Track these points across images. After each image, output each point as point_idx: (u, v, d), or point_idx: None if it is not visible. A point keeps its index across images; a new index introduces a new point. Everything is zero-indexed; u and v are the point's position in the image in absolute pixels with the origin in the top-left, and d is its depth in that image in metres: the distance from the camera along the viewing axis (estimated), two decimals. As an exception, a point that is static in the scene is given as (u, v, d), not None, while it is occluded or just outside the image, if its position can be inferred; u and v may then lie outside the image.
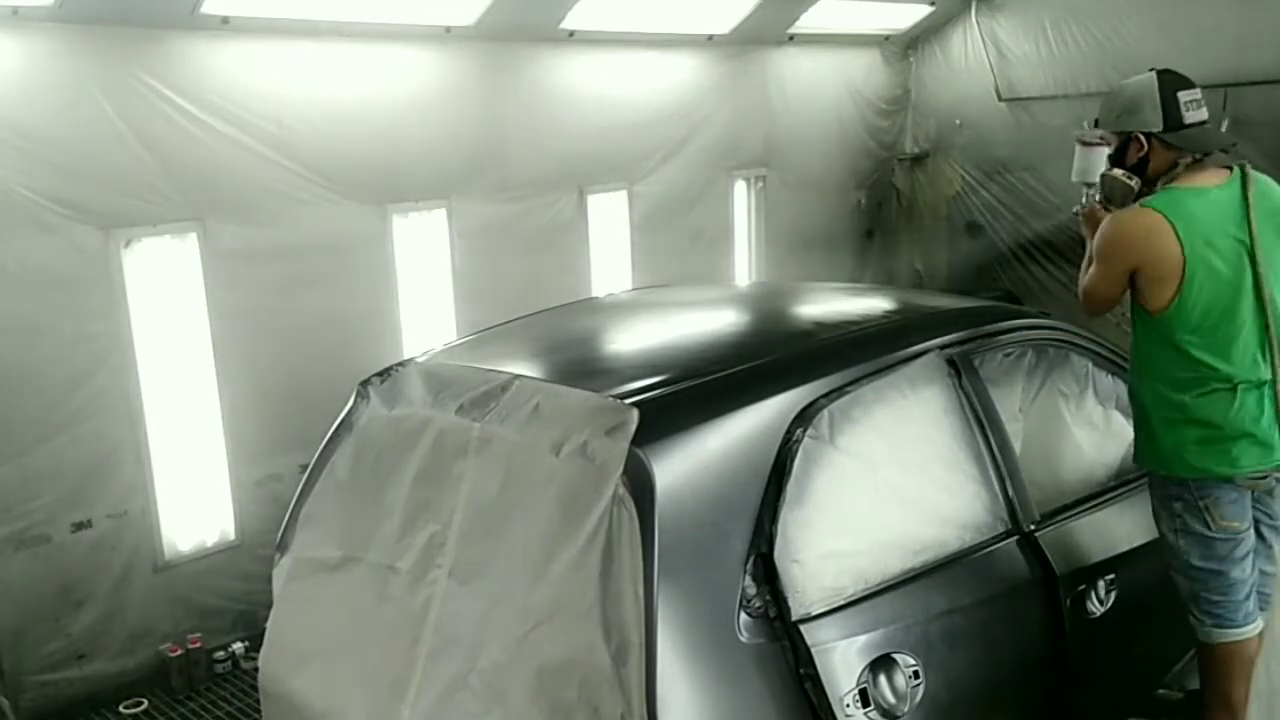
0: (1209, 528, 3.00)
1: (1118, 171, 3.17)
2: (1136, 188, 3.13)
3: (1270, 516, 3.10)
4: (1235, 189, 3.01)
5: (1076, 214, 3.58)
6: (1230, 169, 3.07)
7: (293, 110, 4.96)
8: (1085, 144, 3.70)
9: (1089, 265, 3.22)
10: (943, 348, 2.91)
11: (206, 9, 4.45)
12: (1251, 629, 3.02)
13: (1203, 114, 3.09)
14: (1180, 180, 3.04)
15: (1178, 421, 3.02)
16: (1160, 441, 3.07)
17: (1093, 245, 3.20)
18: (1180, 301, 2.97)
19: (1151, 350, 3.09)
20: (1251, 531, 3.04)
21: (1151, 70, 3.15)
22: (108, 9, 4.31)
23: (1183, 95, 3.06)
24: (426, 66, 5.49)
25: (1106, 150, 3.48)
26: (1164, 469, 3.08)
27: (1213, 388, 2.97)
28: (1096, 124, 3.34)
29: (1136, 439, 3.22)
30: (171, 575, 4.80)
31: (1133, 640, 3.16)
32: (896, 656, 2.40)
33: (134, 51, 4.48)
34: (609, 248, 6.51)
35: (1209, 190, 3.01)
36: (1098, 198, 3.39)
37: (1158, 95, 3.06)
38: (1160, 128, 3.06)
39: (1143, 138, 3.09)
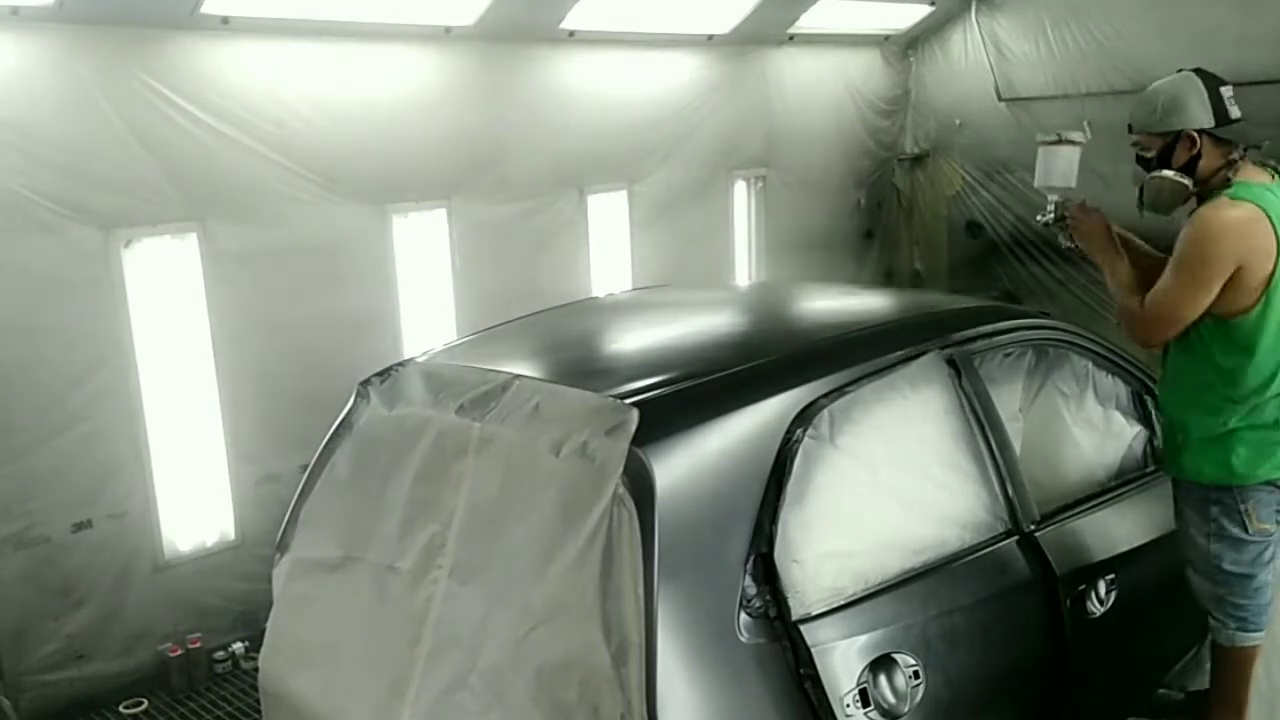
0: (1246, 531, 2.98)
1: (1168, 173, 3.04)
2: (1191, 187, 3.03)
3: None
4: None
5: (1046, 224, 3.46)
6: (1268, 169, 3.03)
7: (293, 110, 4.96)
8: (1049, 144, 3.58)
9: (1135, 282, 3.04)
10: (943, 348, 2.91)
11: (206, 9, 4.45)
12: (1265, 633, 3.03)
13: (1239, 111, 3.03)
14: (1241, 175, 2.97)
15: (1229, 433, 2.97)
16: (1205, 453, 3.02)
17: (1173, 258, 2.96)
18: (1268, 301, 2.89)
19: (1207, 359, 2.99)
20: (1276, 534, 3.04)
21: (1182, 70, 3.07)
22: (108, 9, 4.31)
23: (1224, 91, 3.01)
24: (426, 66, 5.49)
25: (1076, 151, 3.43)
26: (1208, 479, 3.02)
27: (1276, 391, 2.93)
28: (1129, 129, 3.19)
29: (1169, 451, 3.18)
30: (171, 575, 4.80)
31: (1133, 640, 3.16)
32: (896, 656, 2.40)
33: (134, 52, 4.48)
34: (609, 248, 6.51)
35: (1271, 186, 2.96)
36: (1056, 202, 3.33)
37: (1204, 91, 2.99)
38: (1212, 123, 2.98)
39: (1195, 135, 3.00)
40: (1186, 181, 3.03)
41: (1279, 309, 2.90)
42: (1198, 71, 3.05)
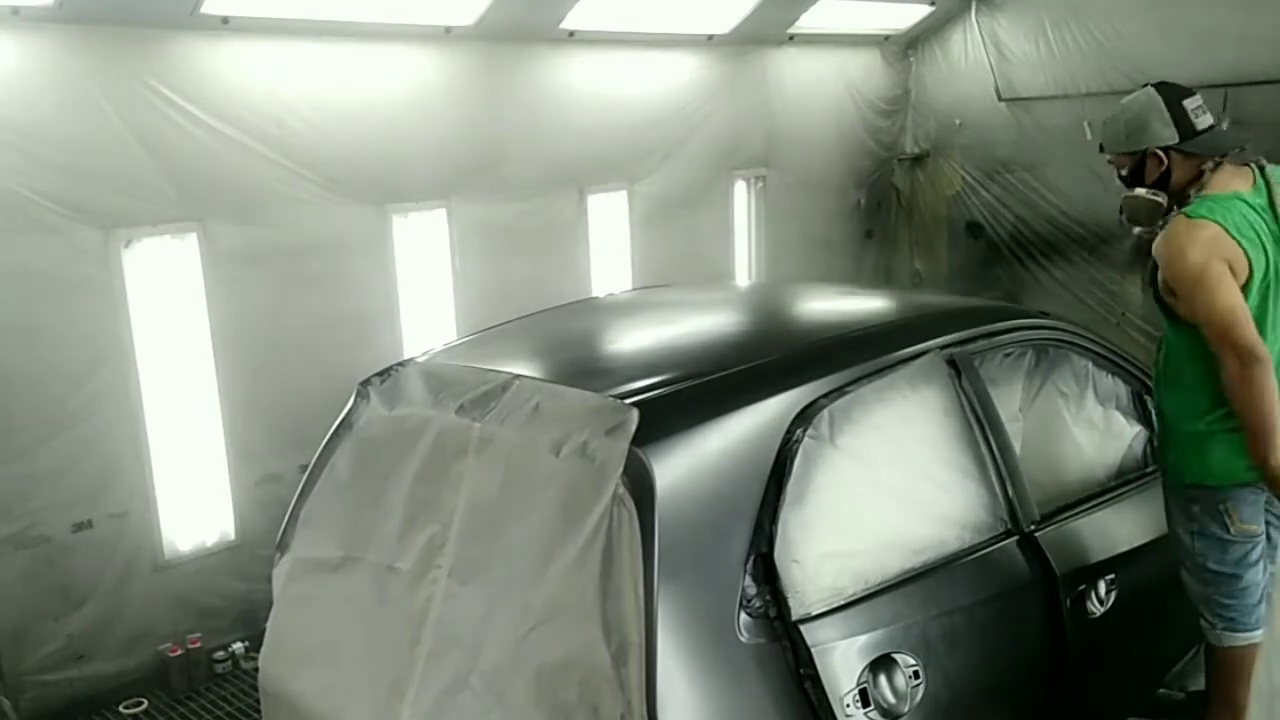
0: (1228, 531, 2.98)
1: (1141, 191, 3.07)
2: (1165, 203, 3.06)
3: (1278, 517, 3.09)
4: (1263, 195, 2.97)
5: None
6: (1250, 169, 3.03)
7: (293, 110, 4.97)
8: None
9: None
10: (943, 348, 2.91)
11: (206, 9, 4.46)
12: (1260, 633, 3.02)
13: (1209, 118, 3.04)
14: (1210, 187, 2.98)
15: (1210, 433, 2.97)
16: (1186, 452, 3.04)
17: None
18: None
19: (1190, 360, 3.00)
20: (1264, 534, 3.03)
21: (1147, 85, 3.10)
22: (108, 9, 4.31)
23: (1188, 103, 3.02)
24: (426, 66, 5.49)
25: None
26: (1189, 478, 3.04)
27: None
28: (1100, 148, 3.21)
29: (1160, 447, 3.19)
30: (171, 575, 4.81)
31: (1133, 640, 3.16)
32: (896, 656, 2.40)
33: (134, 52, 4.49)
34: (609, 248, 6.51)
35: (1244, 194, 2.96)
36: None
37: (1164, 108, 3.01)
38: (1176, 139, 3.00)
39: (1161, 153, 3.02)
40: (1160, 198, 3.06)
41: (1257, 311, 2.91)
42: (1160, 86, 3.07)
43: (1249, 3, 6.52)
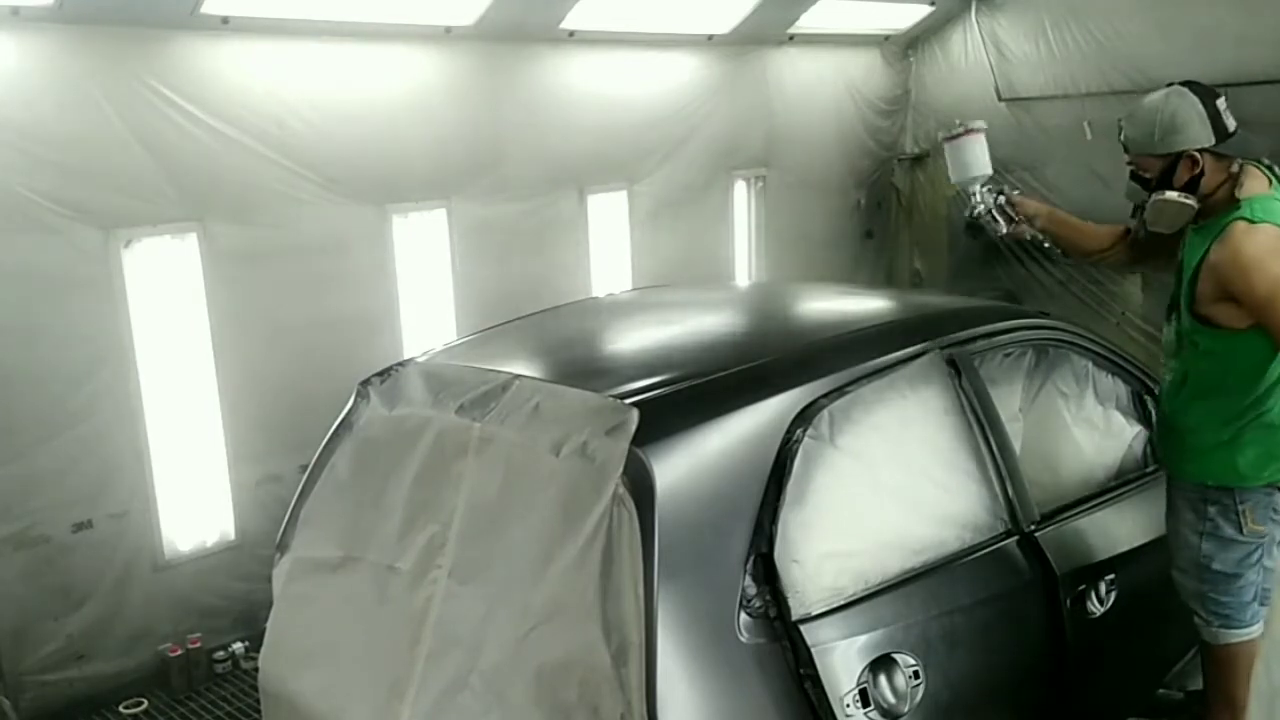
0: (1240, 531, 2.98)
1: (1172, 195, 2.96)
2: (1196, 207, 2.97)
3: (1276, 512, 3.09)
4: None
5: (977, 215, 3.49)
6: (1260, 170, 2.99)
7: (293, 110, 4.96)
8: (954, 138, 3.56)
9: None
10: (943, 348, 2.91)
11: (206, 9, 4.45)
12: (1257, 629, 3.02)
13: (1234, 121, 2.97)
14: (1246, 190, 2.91)
15: (1239, 436, 2.95)
16: (1211, 457, 3.00)
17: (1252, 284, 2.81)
18: None
19: (1236, 365, 2.94)
20: (1268, 535, 3.03)
21: (1174, 84, 3.00)
22: (108, 9, 4.31)
23: (1220, 104, 2.95)
24: (426, 66, 5.49)
25: (982, 137, 3.43)
26: (1213, 480, 3.01)
27: None
28: (1124, 148, 3.12)
29: (1173, 453, 3.15)
30: (171, 575, 4.81)
31: (1133, 640, 3.16)
32: (896, 656, 2.40)
33: (134, 52, 4.49)
34: (609, 248, 6.51)
35: (1275, 195, 2.92)
36: (987, 190, 3.31)
37: (1203, 108, 2.92)
38: (1213, 141, 2.92)
39: (1197, 154, 2.93)
40: (1191, 202, 2.96)
41: None
42: (1191, 86, 2.98)
43: (1249, 3, 6.52)
